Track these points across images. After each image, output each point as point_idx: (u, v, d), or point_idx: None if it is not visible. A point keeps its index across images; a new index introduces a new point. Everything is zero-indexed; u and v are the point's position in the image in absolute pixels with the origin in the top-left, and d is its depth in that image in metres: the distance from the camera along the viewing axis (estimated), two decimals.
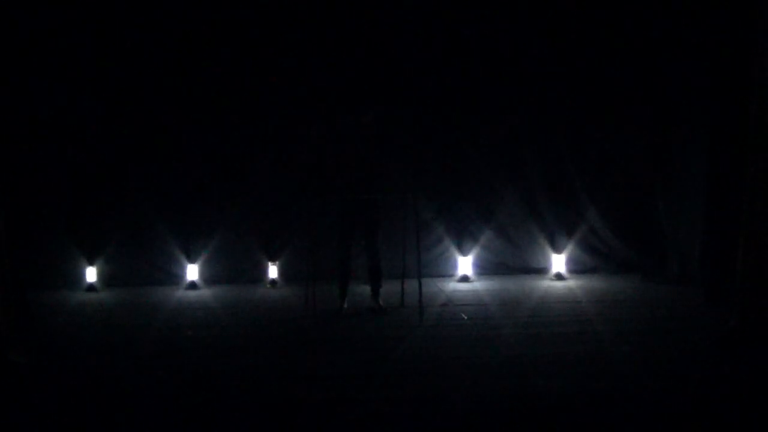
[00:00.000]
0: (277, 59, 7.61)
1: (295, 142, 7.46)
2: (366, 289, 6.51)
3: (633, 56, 7.70)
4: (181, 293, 7.37)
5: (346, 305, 6.37)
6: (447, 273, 7.87)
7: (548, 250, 7.90)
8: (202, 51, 7.55)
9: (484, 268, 7.93)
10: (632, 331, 5.56)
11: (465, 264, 7.79)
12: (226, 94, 7.58)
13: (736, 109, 5.91)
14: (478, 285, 7.53)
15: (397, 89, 7.44)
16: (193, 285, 7.55)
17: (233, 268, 7.79)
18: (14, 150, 7.00)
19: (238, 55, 7.60)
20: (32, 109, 7.43)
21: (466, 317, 6.13)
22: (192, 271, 7.59)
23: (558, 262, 7.78)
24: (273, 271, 7.69)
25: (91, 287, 7.49)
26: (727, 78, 6.09)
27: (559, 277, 7.70)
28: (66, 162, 7.55)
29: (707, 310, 6.15)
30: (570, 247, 7.88)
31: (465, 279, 7.70)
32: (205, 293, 7.35)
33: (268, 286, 7.63)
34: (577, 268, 7.89)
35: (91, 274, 7.53)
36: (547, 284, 7.52)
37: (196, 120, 7.59)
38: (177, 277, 7.67)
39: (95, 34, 7.43)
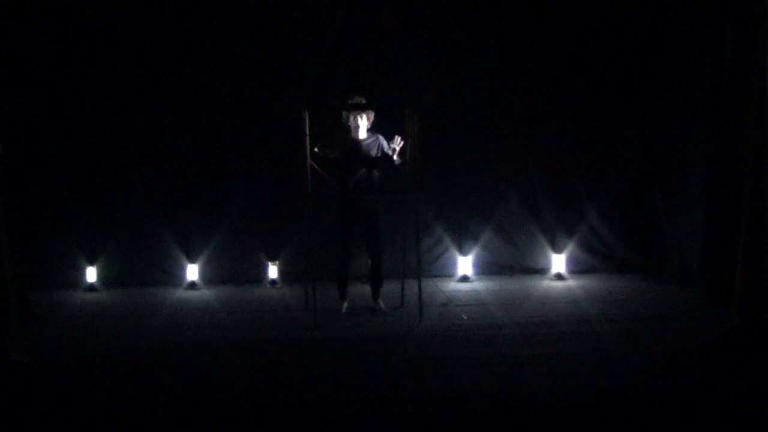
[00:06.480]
0: (277, 59, 7.61)
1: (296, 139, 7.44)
2: (366, 289, 6.51)
3: (634, 56, 7.71)
4: (181, 293, 7.37)
5: (346, 305, 6.37)
6: (447, 273, 7.86)
7: (548, 250, 7.90)
8: (200, 50, 7.54)
9: (484, 268, 7.92)
10: (632, 331, 5.57)
11: (465, 264, 7.79)
12: (226, 94, 7.58)
13: (736, 109, 5.91)
14: (478, 285, 7.52)
15: (396, 89, 7.43)
16: (193, 285, 7.55)
17: (233, 268, 7.78)
18: (14, 150, 7.00)
19: (237, 54, 7.59)
20: (32, 109, 7.44)
21: (466, 317, 6.13)
22: (192, 271, 7.59)
23: (558, 262, 7.78)
24: (273, 271, 7.69)
25: (91, 287, 7.49)
26: (728, 78, 6.09)
27: (559, 277, 7.70)
28: (66, 162, 7.55)
29: (707, 310, 6.15)
30: (570, 247, 7.89)
31: (465, 279, 7.70)
32: (205, 293, 7.35)
33: (268, 286, 7.64)
34: (577, 268, 7.89)
35: (91, 274, 7.53)
36: (547, 284, 7.52)
37: (196, 120, 7.58)
38: (177, 277, 7.66)
39: (93, 34, 7.43)
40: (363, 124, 6.24)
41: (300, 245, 7.02)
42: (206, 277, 7.67)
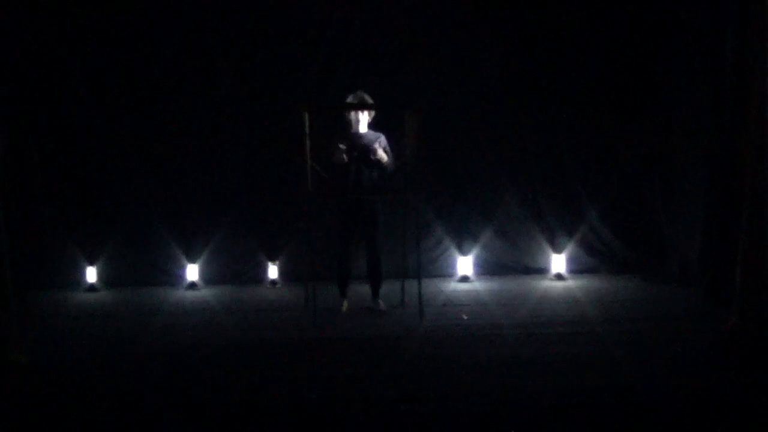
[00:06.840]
0: (276, 58, 7.61)
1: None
2: (366, 289, 6.51)
3: (633, 56, 7.70)
4: (181, 293, 7.37)
5: (346, 305, 6.37)
6: (447, 273, 7.86)
7: (548, 250, 7.89)
8: (200, 50, 7.54)
9: (484, 268, 7.93)
10: (632, 331, 5.56)
11: (465, 264, 7.78)
12: (226, 94, 7.58)
13: (736, 109, 5.91)
14: (478, 285, 7.52)
15: (396, 89, 7.43)
16: (193, 285, 7.55)
17: (233, 268, 7.79)
18: (14, 150, 7.00)
19: (237, 54, 7.60)
20: (32, 110, 7.44)
21: (466, 317, 6.13)
22: (192, 271, 7.59)
23: (558, 262, 7.77)
24: (273, 271, 7.69)
25: (91, 287, 7.50)
26: (728, 78, 6.09)
27: (559, 277, 7.69)
28: (66, 162, 7.56)
29: (707, 310, 6.15)
30: (570, 247, 7.88)
31: (465, 279, 7.70)
32: (205, 293, 7.35)
33: (268, 286, 7.63)
34: (577, 268, 7.88)
35: (91, 274, 7.54)
36: (547, 284, 7.52)
37: (196, 120, 7.59)
38: (177, 277, 7.67)
39: (93, 33, 7.43)
40: (363, 119, 6.25)
41: (300, 245, 7.02)
42: (206, 277, 7.67)
